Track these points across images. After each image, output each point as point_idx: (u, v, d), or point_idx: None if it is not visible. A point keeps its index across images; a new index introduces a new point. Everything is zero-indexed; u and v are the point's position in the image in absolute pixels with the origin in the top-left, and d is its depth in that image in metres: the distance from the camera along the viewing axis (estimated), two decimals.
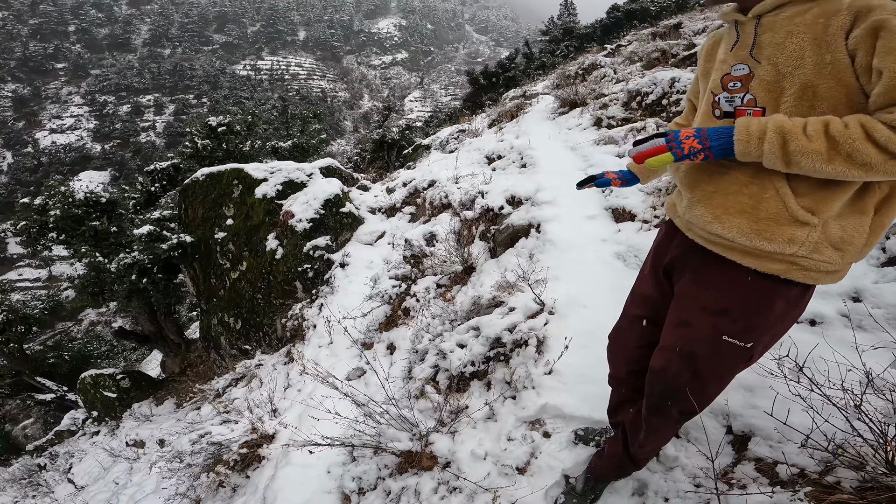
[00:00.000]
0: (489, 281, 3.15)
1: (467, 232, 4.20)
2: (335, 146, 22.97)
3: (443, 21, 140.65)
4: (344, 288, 4.45)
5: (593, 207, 3.43)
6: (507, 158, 4.80)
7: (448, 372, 2.56)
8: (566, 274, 2.80)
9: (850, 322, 1.87)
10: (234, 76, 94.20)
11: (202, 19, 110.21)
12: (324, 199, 5.26)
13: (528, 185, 3.86)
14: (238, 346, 5.54)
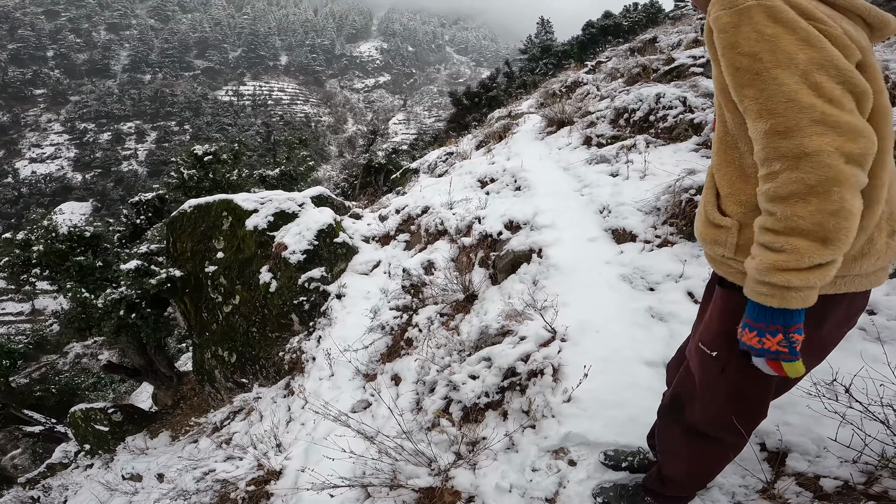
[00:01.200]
0: (494, 309, 3.11)
1: (466, 259, 4.15)
2: (321, 172, 22.94)
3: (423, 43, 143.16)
4: (342, 319, 4.39)
5: (593, 229, 3.42)
6: (501, 181, 4.80)
7: (461, 403, 2.52)
8: (574, 299, 2.77)
9: (867, 335, 1.87)
10: (217, 102, 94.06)
11: (182, 45, 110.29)
12: (317, 229, 5.19)
13: (526, 209, 3.85)
14: (234, 379, 5.40)
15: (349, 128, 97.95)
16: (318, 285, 4.88)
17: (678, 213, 3.01)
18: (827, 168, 0.81)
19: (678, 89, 4.70)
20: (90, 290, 6.96)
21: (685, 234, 2.95)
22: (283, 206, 5.50)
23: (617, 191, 3.65)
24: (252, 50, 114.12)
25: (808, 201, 0.82)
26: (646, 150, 4.14)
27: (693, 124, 4.17)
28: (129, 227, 9.07)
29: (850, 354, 1.76)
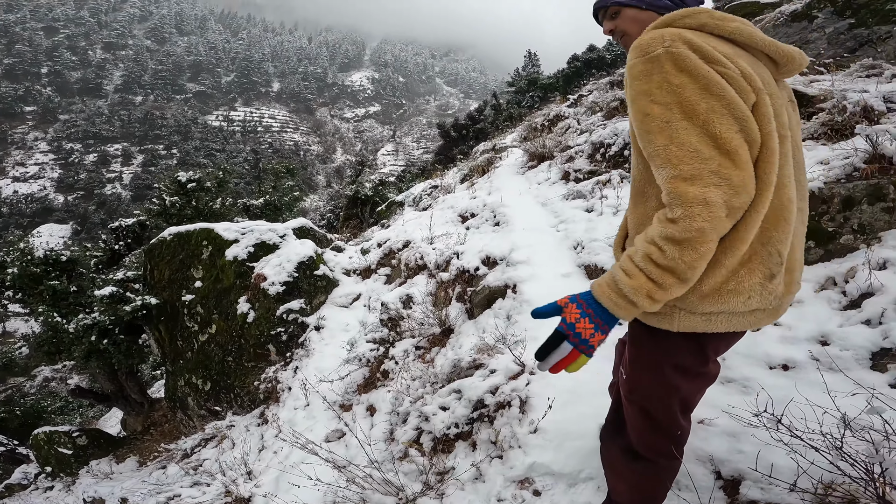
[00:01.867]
0: (468, 343, 3.18)
1: (444, 294, 4.19)
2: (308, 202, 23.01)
3: (414, 74, 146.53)
4: (320, 351, 4.42)
5: (567, 265, 3.50)
6: (481, 216, 4.88)
7: (432, 434, 2.59)
8: (544, 333, 2.75)
9: (821, 364, 1.97)
10: (206, 127, 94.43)
11: (176, 67, 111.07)
12: (297, 261, 5.24)
13: (503, 245, 3.92)
14: (207, 407, 5.32)
15: (338, 157, 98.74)
16: (297, 317, 4.89)
17: None
18: (716, 220, 0.90)
19: None
20: (62, 315, 6.84)
21: None
22: (264, 238, 5.51)
23: (591, 227, 3.75)
24: (245, 75, 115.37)
25: (696, 249, 0.91)
26: (619, 185, 4.27)
27: None
28: (107, 252, 8.95)
29: (804, 384, 1.85)
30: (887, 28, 5.65)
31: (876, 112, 3.11)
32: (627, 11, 1.21)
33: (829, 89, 3.79)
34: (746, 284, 1.02)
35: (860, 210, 2.40)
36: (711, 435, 1.81)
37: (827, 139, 3.24)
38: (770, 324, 1.16)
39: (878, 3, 6.00)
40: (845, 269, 2.30)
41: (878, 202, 2.37)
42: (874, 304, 2.06)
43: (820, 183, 2.57)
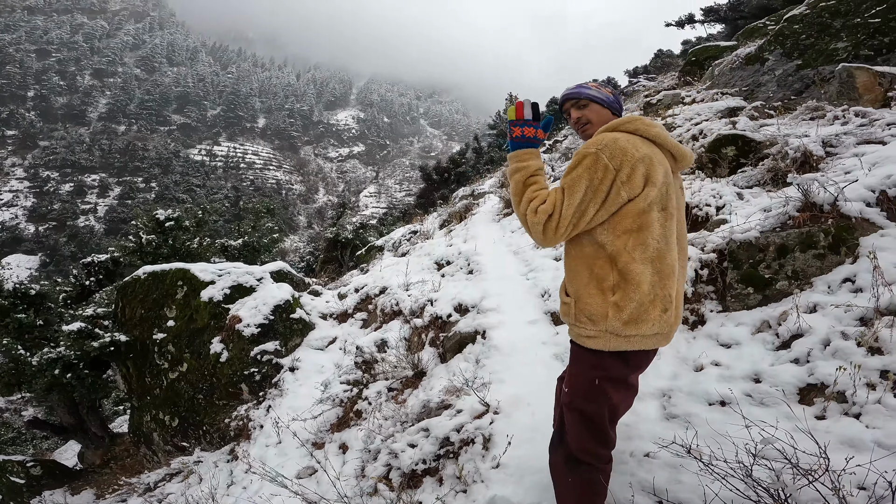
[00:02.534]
0: (439, 385, 3.34)
1: (417, 339, 4.30)
2: (288, 242, 22.86)
3: (399, 114, 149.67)
4: (294, 391, 4.49)
5: (534, 312, 3.67)
6: (455, 264, 5.05)
7: (401, 469, 2.70)
8: (510, 376, 3.05)
9: (753, 400, 2.18)
10: (188, 161, 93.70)
11: (163, 98, 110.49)
12: (273, 304, 5.31)
13: (475, 293, 4.07)
14: (174, 443, 5.26)
15: (320, 198, 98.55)
16: (272, 358, 4.94)
17: None
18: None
19: None
20: (27, 348, 6.65)
21: None
22: (240, 280, 5.57)
23: (558, 275, 3.96)
24: (231, 109, 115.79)
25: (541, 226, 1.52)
26: None
27: None
28: (77, 287, 8.75)
29: (737, 418, 2.01)
30: (830, 68, 5.63)
31: (815, 157, 3.33)
32: (594, 105, 1.68)
33: (775, 134, 4.03)
34: (652, 316, 1.47)
35: (793, 257, 2.59)
36: (655, 467, 2.00)
37: (773, 185, 3.51)
38: (665, 345, 1.59)
39: (823, 43, 6.07)
40: (778, 313, 2.49)
41: (809, 249, 2.57)
42: (802, 344, 2.26)
43: (756, 232, 2.78)
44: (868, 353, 2.04)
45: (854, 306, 2.23)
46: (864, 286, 2.30)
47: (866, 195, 2.58)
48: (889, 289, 2.18)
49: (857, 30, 5.82)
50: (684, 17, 16.52)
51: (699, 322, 2.80)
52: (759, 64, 6.83)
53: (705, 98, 6.86)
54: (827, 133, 3.64)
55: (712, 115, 5.56)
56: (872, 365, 1.98)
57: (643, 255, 1.44)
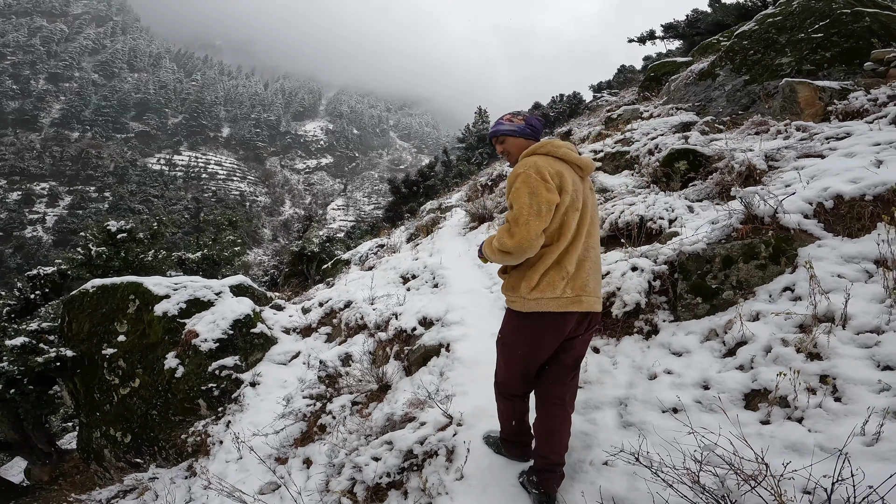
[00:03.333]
0: (403, 398, 3.34)
1: (382, 352, 4.26)
2: (252, 256, 22.20)
3: (369, 126, 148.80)
4: (255, 406, 4.44)
5: (497, 325, 3.64)
6: (421, 278, 5.05)
7: (365, 483, 2.71)
8: (474, 389, 3.08)
9: (703, 406, 2.27)
10: (146, 170, 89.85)
11: (121, 104, 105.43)
12: (232, 319, 5.19)
13: (439, 306, 4.07)
14: (127, 459, 5.07)
15: (286, 210, 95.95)
16: (231, 373, 4.84)
17: None
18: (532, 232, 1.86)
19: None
20: None
21: None
22: (197, 294, 5.39)
23: None
24: (194, 118, 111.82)
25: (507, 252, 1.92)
26: None
27: None
28: (22, 301, 8.24)
29: (687, 425, 2.05)
30: (775, 83, 5.76)
31: (758, 171, 3.52)
32: (509, 139, 2.15)
33: (723, 149, 4.22)
34: (562, 282, 1.93)
35: (737, 268, 2.73)
36: (614, 475, 2.08)
37: (720, 198, 3.67)
38: (575, 311, 1.97)
39: (769, 58, 6.26)
40: (724, 321, 2.61)
41: (752, 260, 2.70)
42: (746, 351, 2.37)
43: (703, 244, 2.91)
44: (807, 359, 2.14)
45: (793, 314, 2.35)
46: (803, 294, 2.43)
47: (804, 207, 2.74)
48: (826, 297, 2.31)
49: (800, 45, 6.03)
50: (646, 33, 17.17)
51: (653, 332, 2.89)
52: (711, 79, 7.08)
53: (661, 113, 7.14)
54: (770, 147, 3.85)
55: (667, 129, 5.80)
56: (812, 370, 2.08)
57: (558, 242, 1.94)
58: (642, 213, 3.59)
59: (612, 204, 4.15)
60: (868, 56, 5.31)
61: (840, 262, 2.49)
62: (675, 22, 17.87)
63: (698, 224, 3.25)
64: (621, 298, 2.98)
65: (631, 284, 2.96)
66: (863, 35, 5.60)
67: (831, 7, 6.13)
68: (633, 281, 2.97)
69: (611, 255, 3.45)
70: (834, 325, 2.18)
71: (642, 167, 5.03)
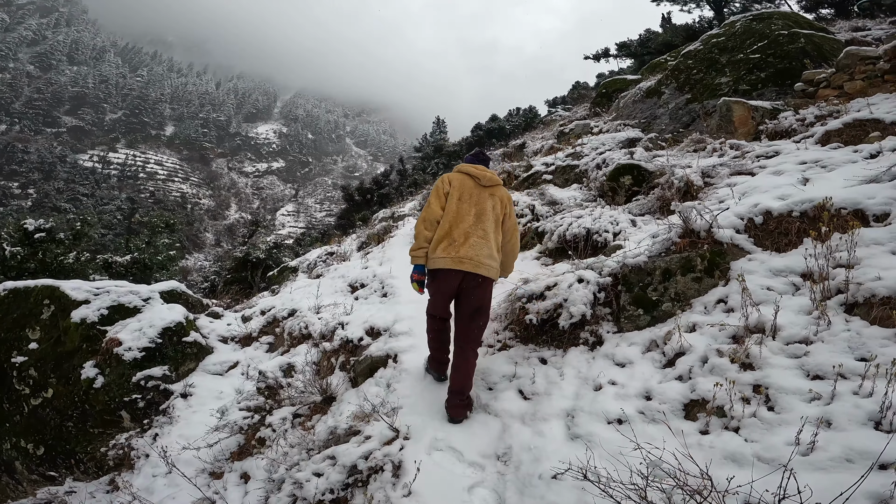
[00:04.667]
0: (348, 410, 3.26)
1: (327, 363, 4.09)
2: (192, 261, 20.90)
3: (324, 132, 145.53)
4: (186, 418, 4.28)
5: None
6: (370, 287, 4.91)
7: (306, 500, 2.61)
8: (422, 401, 3.01)
9: (646, 417, 2.29)
10: (76, 167, 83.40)
11: (55, 97, 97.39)
12: (161, 327, 4.89)
13: (388, 316, 3.96)
14: (40, 472, 4.75)
15: (231, 214, 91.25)
16: (159, 384, 4.61)
17: (515, 319, 3.33)
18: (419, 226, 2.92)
19: (529, 197, 5.38)
20: None
21: (521, 338, 3.30)
22: (122, 300, 5.01)
23: None
24: (135, 114, 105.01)
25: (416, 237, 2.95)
26: None
27: (538, 233, 4.72)
28: None
29: (631, 436, 2.05)
30: (713, 102, 5.94)
31: (695, 187, 3.68)
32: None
33: (664, 165, 4.39)
34: (442, 247, 2.73)
35: (676, 280, 2.81)
36: (564, 489, 2.05)
37: (661, 213, 3.79)
38: (458, 269, 2.73)
39: (710, 77, 6.48)
40: (664, 332, 2.67)
41: (689, 273, 2.79)
42: (684, 362, 2.42)
43: (645, 257, 3.00)
44: (741, 369, 2.21)
45: (727, 325, 2.43)
46: (735, 306, 2.52)
47: (736, 222, 2.88)
48: (757, 308, 2.40)
49: (739, 65, 6.29)
50: (601, 51, 17.88)
51: (598, 343, 2.92)
52: (657, 97, 7.37)
53: (610, 129, 7.39)
54: (706, 164, 4.04)
55: (614, 145, 5.99)
56: (746, 380, 2.14)
57: (445, 219, 2.79)
58: (589, 225, 3.66)
59: (561, 217, 4.21)
60: (800, 76, 5.54)
61: (769, 275, 2.61)
62: (628, 41, 18.77)
63: (640, 237, 3.34)
64: (568, 310, 2.99)
65: (577, 296, 2.98)
66: (796, 56, 5.82)
67: (770, 28, 6.36)
68: (580, 293, 2.99)
69: (558, 267, 3.48)
70: (765, 336, 2.27)
71: (590, 181, 5.16)
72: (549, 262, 4.07)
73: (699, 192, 3.59)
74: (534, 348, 3.13)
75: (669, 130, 6.52)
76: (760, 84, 5.87)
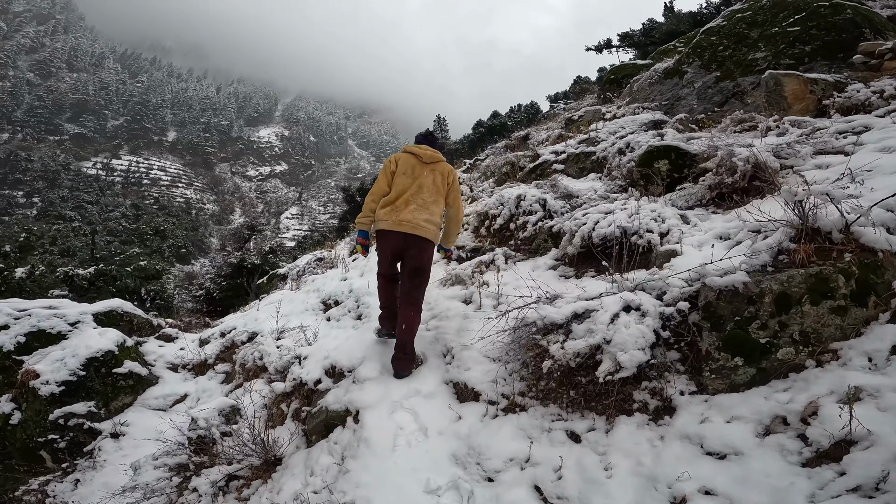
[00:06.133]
0: (291, 489, 2.44)
1: (277, 409, 3.16)
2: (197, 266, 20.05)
3: (326, 134, 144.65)
4: (114, 462, 3.74)
5: (432, 380, 2.68)
6: (344, 306, 4.02)
7: None
8: (381, 497, 2.08)
9: None
10: (80, 174, 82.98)
11: (56, 105, 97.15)
12: (86, 357, 4.16)
13: (355, 351, 3.06)
14: None
15: (236, 219, 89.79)
16: (84, 422, 4.06)
17: (528, 363, 2.33)
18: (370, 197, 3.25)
19: (539, 190, 4.38)
20: None
21: (537, 395, 2.26)
22: (43, 325, 4.21)
23: (465, 325, 3.01)
24: (137, 120, 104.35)
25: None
26: (504, 268, 3.64)
27: (552, 233, 3.73)
28: None
29: None
30: (752, 78, 5.43)
31: (770, 170, 2.66)
32: None
33: (711, 146, 3.42)
34: (384, 212, 3.08)
35: (801, 312, 1.72)
36: None
37: (715, 205, 2.83)
38: (398, 230, 2.98)
39: (740, 53, 5.92)
40: (801, 402, 1.57)
41: (824, 300, 1.69)
42: (864, 461, 1.31)
43: (743, 275, 1.85)
44: None
45: None
46: None
47: (886, 217, 1.81)
48: None
49: (775, 39, 5.75)
50: (602, 42, 17.27)
51: (665, 410, 1.86)
52: (678, 77, 6.70)
53: (626, 112, 6.51)
54: (770, 144, 3.08)
55: (637, 127, 5.06)
56: None
57: (393, 190, 3.11)
58: (624, 223, 2.67)
59: (584, 213, 3.20)
60: (852, 49, 4.91)
61: None
62: (630, 31, 18.08)
63: (702, 239, 2.37)
64: (613, 357, 1.91)
65: (627, 335, 1.91)
66: (845, 28, 5.25)
67: (806, 1, 5.79)
68: (632, 330, 1.91)
69: (591, 286, 2.46)
70: None
71: (613, 169, 4.20)
72: (569, 273, 3.11)
73: (775, 175, 2.58)
74: (558, 415, 2.09)
75: (699, 111, 5.83)
76: (807, 58, 5.30)
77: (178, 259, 45.46)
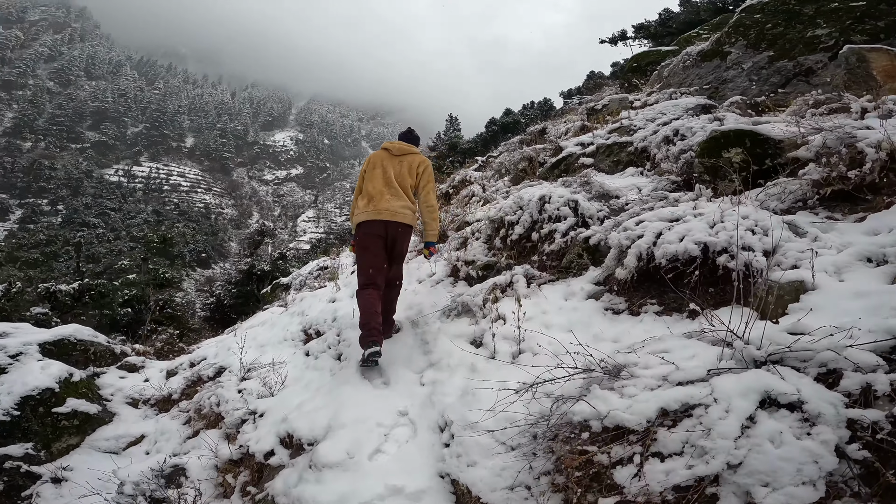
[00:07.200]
0: None
1: (223, 480, 2.40)
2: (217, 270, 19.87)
3: (340, 136, 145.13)
4: None
5: (420, 473, 1.87)
6: (325, 339, 3.29)
7: None
8: None
9: None
10: (102, 181, 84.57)
11: (77, 113, 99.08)
12: (20, 395, 3.54)
13: (322, 412, 2.30)
14: None
15: (254, 223, 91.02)
16: (20, 465, 3.63)
17: (570, 470, 1.51)
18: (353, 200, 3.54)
19: (567, 189, 3.53)
20: None
21: None
22: None
23: (471, 386, 2.16)
24: (155, 127, 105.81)
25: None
26: (525, 295, 2.83)
27: (588, 246, 2.91)
28: None
29: None
30: (817, 56, 5.00)
31: None
32: None
33: (795, 132, 2.70)
34: (363, 204, 3.28)
35: None
36: None
37: (827, 209, 2.00)
38: (377, 219, 3.12)
39: (796, 31, 5.42)
40: None
41: None
42: None
43: None
44: None
45: None
46: None
47: None
48: None
49: (837, 15, 5.11)
50: (617, 33, 16.55)
51: None
52: (719, 59, 5.95)
53: (660, 99, 5.68)
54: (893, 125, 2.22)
55: (682, 112, 4.20)
56: None
57: (366, 185, 3.31)
58: (704, 238, 1.81)
59: (637, 220, 2.31)
60: None
61: None
62: (646, 22, 17.29)
63: (838, 262, 1.54)
64: (745, 495, 1.06)
65: (777, 458, 1.05)
66: None
67: None
68: (786, 448, 1.06)
69: (677, 348, 1.51)
70: None
71: (660, 161, 3.35)
72: (618, 306, 2.23)
73: None
74: None
75: (755, 94, 5.12)
76: (882, 34, 4.82)
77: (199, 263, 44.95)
